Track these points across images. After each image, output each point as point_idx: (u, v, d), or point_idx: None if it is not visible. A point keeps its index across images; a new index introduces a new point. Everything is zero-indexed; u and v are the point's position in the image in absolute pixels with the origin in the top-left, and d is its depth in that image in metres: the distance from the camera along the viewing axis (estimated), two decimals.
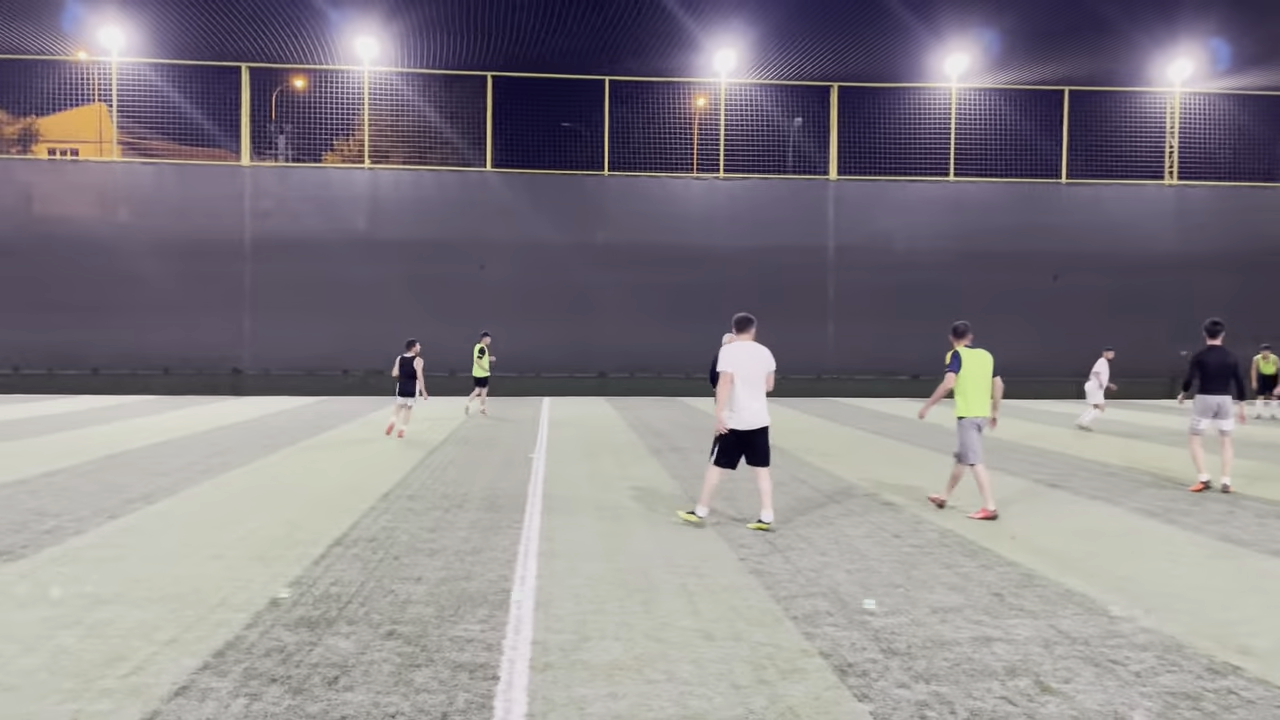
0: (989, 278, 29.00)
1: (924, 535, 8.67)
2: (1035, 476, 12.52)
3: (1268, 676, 5.05)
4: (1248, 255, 29.51)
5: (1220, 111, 30.46)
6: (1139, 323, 29.24)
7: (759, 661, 5.24)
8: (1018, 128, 30.02)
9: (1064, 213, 29.67)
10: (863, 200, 29.56)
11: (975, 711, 4.56)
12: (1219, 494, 11.09)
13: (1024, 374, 28.99)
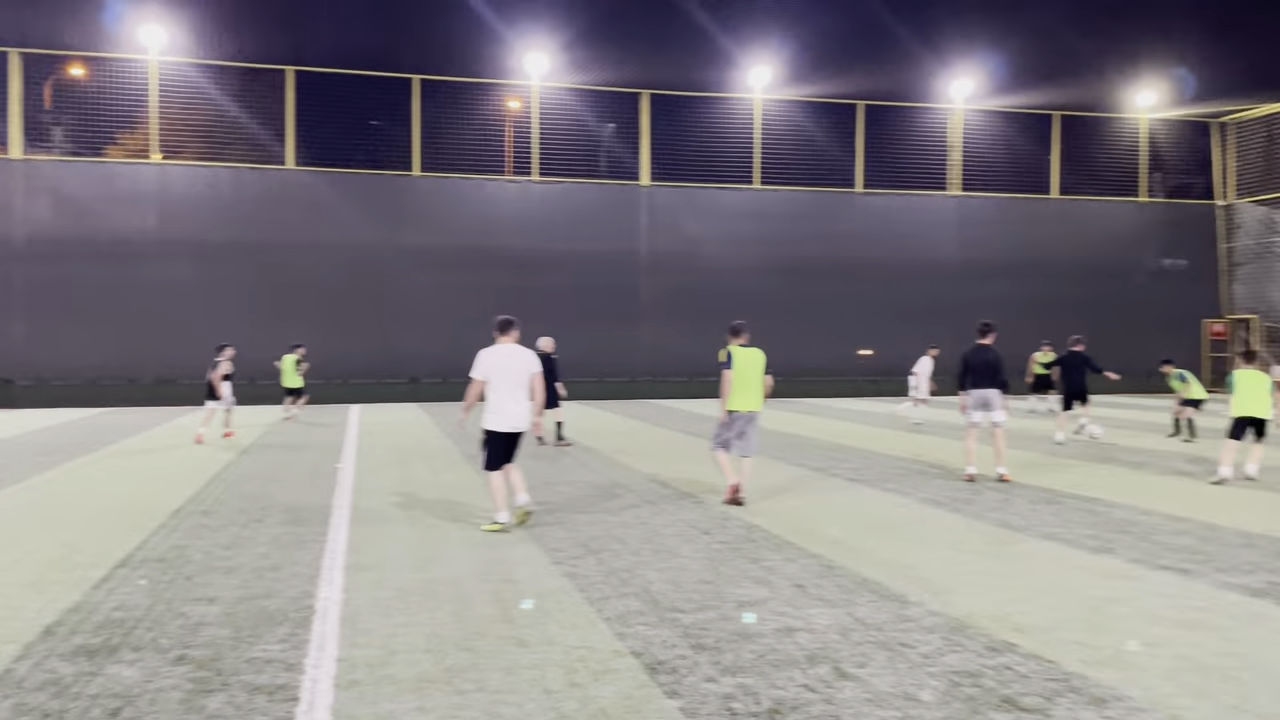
0: (791, 282, 30.21)
1: (731, 531, 8.92)
2: (835, 471, 13.12)
3: (1040, 652, 5.47)
4: (1022, 262, 31.99)
5: (997, 127, 32.90)
6: (925, 324, 31.16)
7: (571, 665, 5.24)
8: (817, 139, 31.44)
9: (859, 221, 31.29)
10: (673, 206, 30.20)
11: (778, 700, 4.73)
12: (996, 483, 11.96)
13: (823, 374, 30.47)
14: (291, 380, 21.34)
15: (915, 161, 32.21)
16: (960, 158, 32.36)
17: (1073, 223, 32.97)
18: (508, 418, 8.91)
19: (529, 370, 9.03)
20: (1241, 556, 7.85)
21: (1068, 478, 12.43)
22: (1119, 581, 7.07)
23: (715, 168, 30.64)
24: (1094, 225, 33.18)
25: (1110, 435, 17.74)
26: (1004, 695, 4.78)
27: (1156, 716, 4.51)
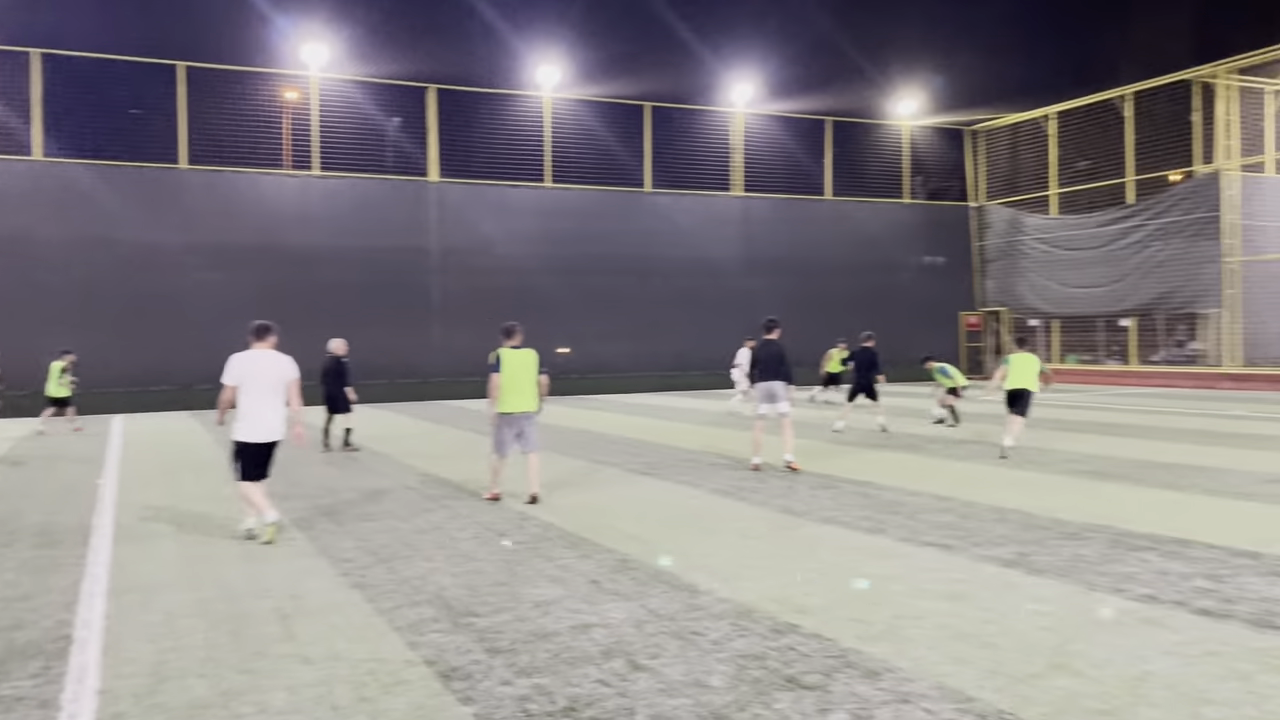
0: (584, 280, 30.47)
1: (528, 531, 8.89)
2: (629, 466, 13.33)
3: (820, 631, 5.75)
4: (800, 259, 33.60)
5: (775, 131, 34.38)
6: (713, 320, 32.23)
7: (360, 679, 5.06)
8: (606, 139, 31.82)
9: (648, 220, 31.92)
10: (464, 203, 29.77)
11: (573, 698, 4.74)
12: (781, 471, 12.49)
13: (617, 370, 30.92)
14: (56, 390, 19.48)
15: (700, 162, 33.17)
16: (742, 160, 33.59)
17: (845, 222, 34.94)
18: (259, 427, 8.50)
19: (284, 377, 8.64)
20: (995, 531, 8.54)
21: (844, 464, 13.15)
22: (890, 559, 7.53)
23: (506, 165, 30.43)
24: (863, 225, 35.28)
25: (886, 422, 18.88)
26: (787, 675, 4.99)
27: (924, 684, 4.84)
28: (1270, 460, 12.67)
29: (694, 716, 4.48)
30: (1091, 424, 18.14)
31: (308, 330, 26.46)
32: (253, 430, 8.48)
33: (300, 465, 13.89)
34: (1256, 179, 29.36)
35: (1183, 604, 6.15)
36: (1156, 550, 7.65)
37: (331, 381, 15.66)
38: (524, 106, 30.77)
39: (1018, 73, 37.89)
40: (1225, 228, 28.66)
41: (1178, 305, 30.44)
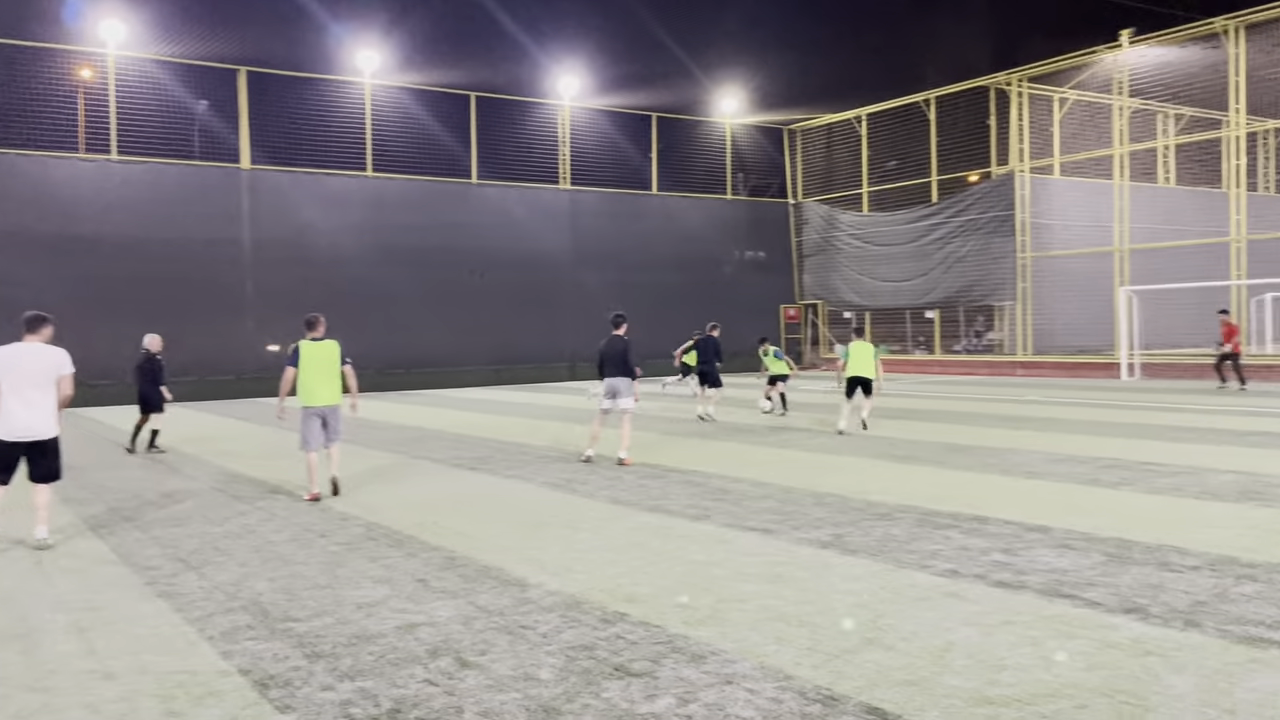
0: (408, 273, 29.78)
1: (350, 531, 8.63)
2: (458, 461, 13.14)
3: (648, 619, 5.84)
4: (628, 253, 33.97)
5: (602, 125, 34.59)
6: (543, 314, 32.18)
7: (168, 692, 4.79)
8: (432, 128, 31.18)
9: (475, 212, 31.50)
10: (280, 192, 28.51)
11: (399, 700, 4.64)
12: (613, 464, 12.60)
13: (448, 364, 30.42)
14: None
15: (528, 155, 33.00)
16: (569, 153, 33.63)
17: (671, 217, 35.56)
18: (17, 425, 7.91)
19: (51, 372, 8.04)
20: (813, 514, 8.90)
21: (674, 454, 13.39)
22: (714, 545, 7.73)
23: (326, 153, 29.32)
24: (689, 220, 36.00)
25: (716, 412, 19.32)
26: (616, 664, 5.05)
27: (746, 665, 4.99)
28: (1057, 441, 13.73)
29: (523, 711, 4.46)
30: (901, 410, 19.15)
31: (110, 325, 24.85)
32: (6, 427, 7.86)
33: (102, 468, 13.02)
34: (1044, 180, 31.72)
35: (982, 577, 6.58)
36: (958, 528, 8.16)
37: (144, 379, 14.74)
38: (343, 92, 29.74)
39: (832, 74, 39.52)
40: (1018, 225, 30.84)
41: (976, 298, 32.54)
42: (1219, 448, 12.66)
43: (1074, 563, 6.88)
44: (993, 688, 4.60)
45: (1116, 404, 19.52)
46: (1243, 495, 9.30)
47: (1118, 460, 11.74)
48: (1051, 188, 31.74)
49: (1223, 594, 6.02)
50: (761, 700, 4.51)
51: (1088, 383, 26.34)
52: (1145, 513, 8.61)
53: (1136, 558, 6.99)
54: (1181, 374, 26.54)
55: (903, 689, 4.62)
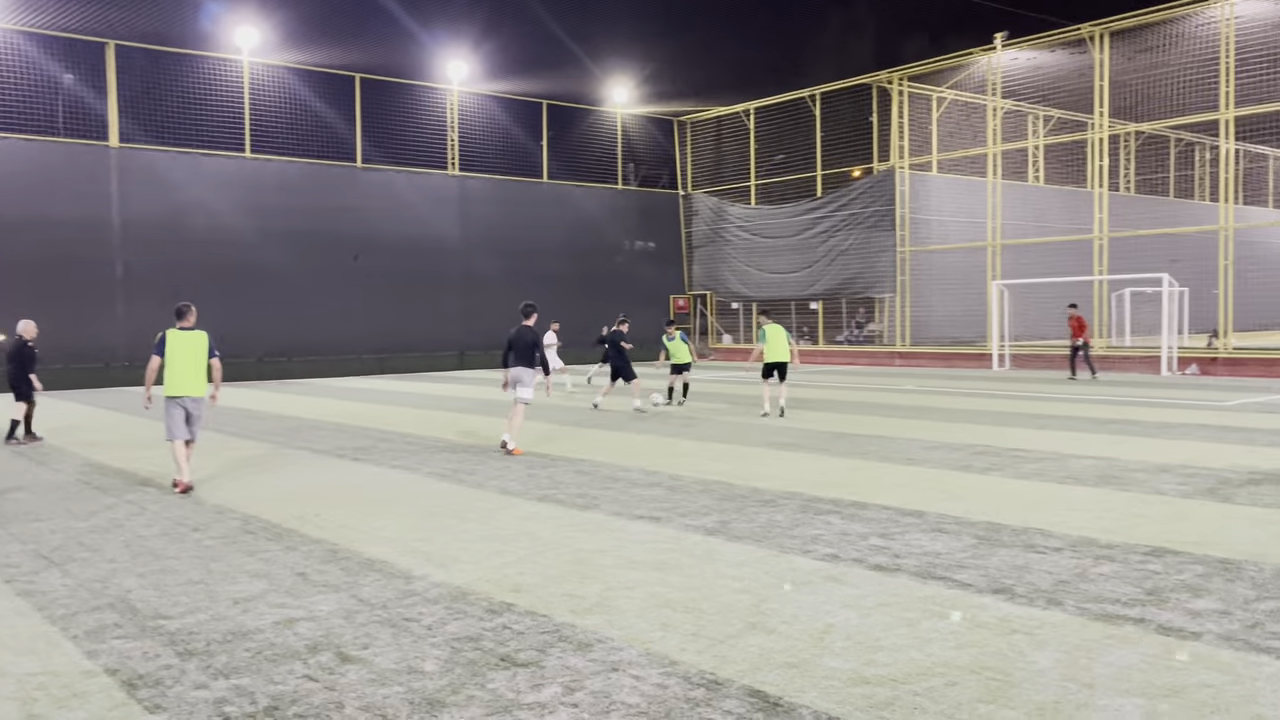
0: (290, 257, 28.92)
1: (227, 524, 8.35)
2: (340, 452, 12.85)
3: (535, 608, 5.83)
4: (519, 240, 33.71)
5: (492, 111, 34.20)
6: (431, 302, 31.70)
7: (29, 695, 4.56)
8: (315, 109, 30.29)
9: (360, 196, 30.76)
10: (153, 171, 27.26)
11: (276, 696, 4.52)
12: (500, 452, 12.51)
13: (332, 352, 29.68)
14: None
15: (416, 139, 32.39)
16: (459, 138, 33.15)
17: (562, 205, 35.44)
18: None
19: None
20: (700, 501, 9.03)
21: (565, 444, 13.37)
22: (602, 534, 7.76)
23: (202, 131, 28.18)
24: (581, 208, 35.95)
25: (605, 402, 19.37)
26: (502, 654, 5.03)
27: (632, 652, 5.03)
28: (933, 429, 14.24)
29: (406, 704, 4.40)
30: (786, 400, 19.53)
31: None
32: None
33: None
34: (923, 177, 32.78)
35: (860, 561, 6.79)
36: (839, 513, 8.39)
37: (15, 367, 14.04)
38: (221, 70, 28.59)
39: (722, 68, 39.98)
40: (898, 220, 31.80)
41: (858, 290, 33.43)
42: (1080, 435, 13.33)
43: (947, 546, 7.16)
44: (869, 668, 4.75)
45: (987, 393, 20.35)
46: (1101, 480, 9.82)
47: (988, 447, 12.25)
48: (929, 184, 32.83)
49: (1083, 574, 6.35)
50: (647, 686, 4.56)
51: (961, 372, 27.38)
52: (1013, 497, 9.01)
53: (1005, 540, 7.31)
54: (1048, 364, 27.82)
55: (784, 671, 4.73)
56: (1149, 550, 6.92)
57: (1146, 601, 5.72)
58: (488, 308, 32.90)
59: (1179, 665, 4.71)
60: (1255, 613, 5.47)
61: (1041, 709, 4.22)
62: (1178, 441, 12.49)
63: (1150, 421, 14.73)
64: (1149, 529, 7.60)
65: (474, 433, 14.71)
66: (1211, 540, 7.19)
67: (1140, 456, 11.28)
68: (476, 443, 13.51)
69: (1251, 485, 9.35)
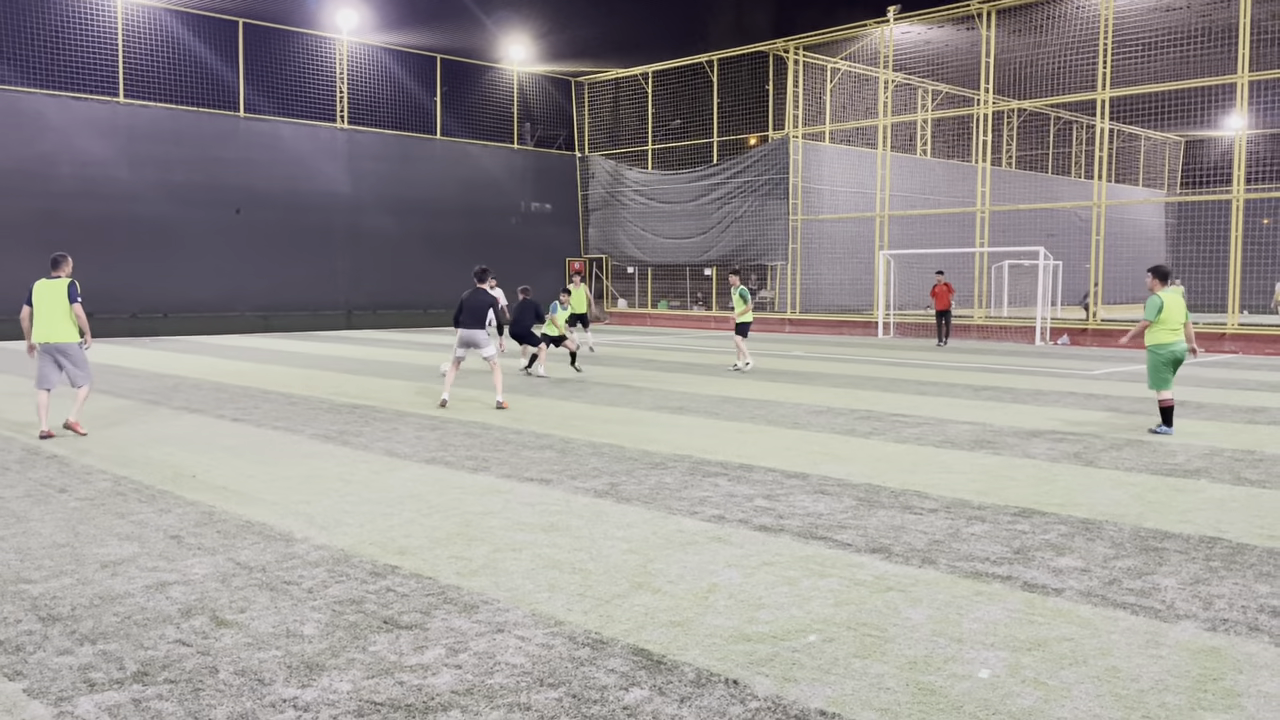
0: (169, 209, 27.68)
1: (96, 486, 8.00)
2: (219, 412, 12.43)
3: (420, 571, 5.76)
4: (410, 198, 32.98)
5: (384, 64, 33.22)
6: (318, 259, 30.82)
7: None
8: (195, 54, 28.89)
9: (243, 146, 29.58)
10: (15, 114, 25.63)
11: (146, 661, 4.37)
12: (387, 414, 12.28)
13: (212, 310, 28.60)
14: None
15: (302, 89, 31.25)
16: (348, 90, 32.13)
17: (457, 163, 34.76)
18: None
19: None
20: (590, 464, 9.05)
21: (458, 408, 13.19)
22: (491, 496, 7.72)
23: (72, 73, 26.58)
24: (476, 167, 35.33)
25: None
26: (385, 616, 4.96)
27: (518, 613, 5.03)
28: (818, 394, 14.57)
29: (284, 668, 4.31)
30: (677, 364, 19.73)
31: None
32: None
33: None
34: (816, 147, 33.27)
35: (745, 521, 6.91)
36: (726, 475, 8.53)
37: None
38: (92, 7, 26.96)
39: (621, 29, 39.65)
40: (791, 189, 32.24)
41: (752, 257, 33.84)
42: (958, 401, 13.82)
43: (829, 507, 7.35)
44: (751, 625, 4.85)
45: (873, 360, 20.92)
46: (976, 444, 10.21)
47: (871, 412, 12.60)
48: (822, 154, 33.34)
49: (956, 534, 6.61)
50: (532, 647, 4.56)
51: (849, 340, 28.06)
52: (893, 460, 9.30)
53: (884, 501, 7.55)
54: (930, 333, 28.72)
55: (668, 630, 4.79)
56: (1018, 511, 7.24)
57: (1014, 560, 5.99)
58: (377, 266, 32.18)
59: (1041, 620, 4.95)
60: (1113, 570, 5.79)
61: (913, 663, 4.39)
62: (1048, 408, 13.07)
63: (1024, 389, 15.37)
64: (1018, 491, 7.95)
65: (360, 394, 14.41)
66: (1075, 501, 7.57)
67: (1013, 422, 11.77)
68: (362, 404, 13.24)
69: (1114, 450, 9.86)
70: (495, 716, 3.85)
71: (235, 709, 3.90)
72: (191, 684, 4.14)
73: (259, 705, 3.94)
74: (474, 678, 4.22)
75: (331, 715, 3.85)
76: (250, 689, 4.09)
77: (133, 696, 4.01)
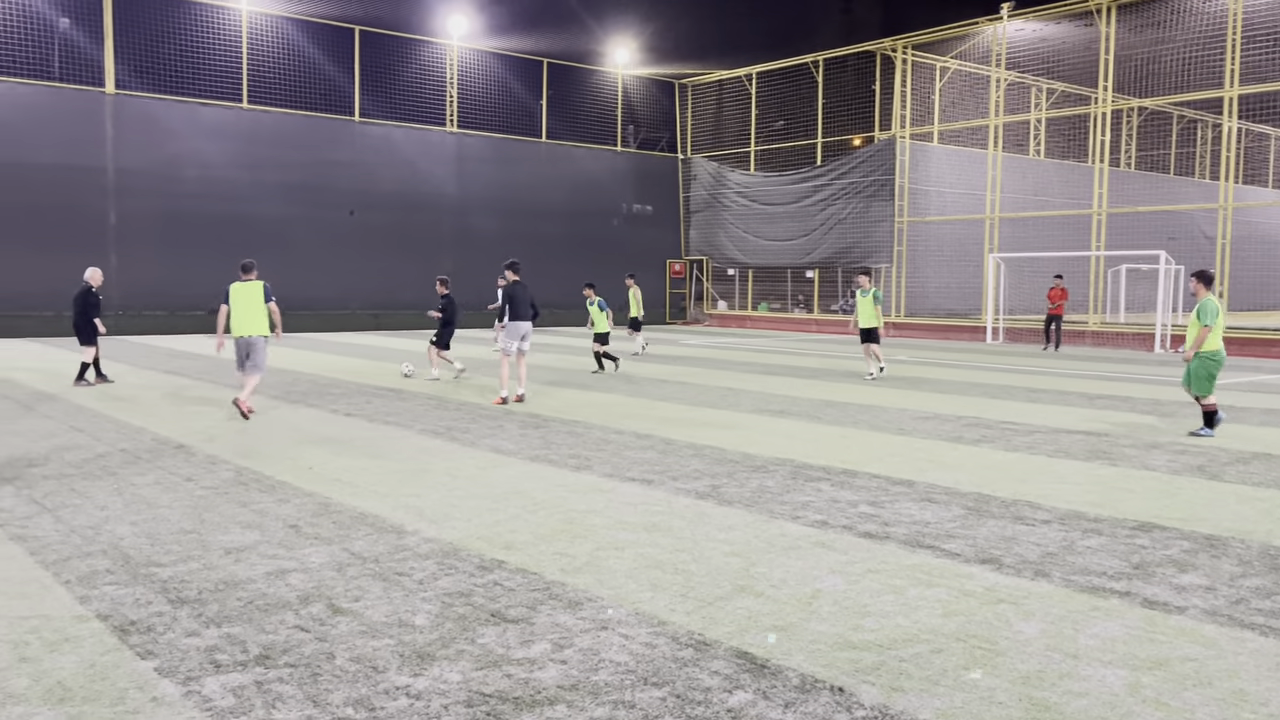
0: (286, 210, 28.75)
1: (220, 475, 8.37)
2: (334, 408, 12.85)
3: (526, 566, 5.86)
4: (515, 200, 33.52)
5: (492, 68, 33.85)
6: (427, 258, 31.57)
7: (20, 638, 4.58)
8: (313, 60, 29.94)
9: (357, 150, 30.52)
10: (148, 120, 27.00)
11: (267, 645, 4.55)
12: (493, 411, 12.52)
13: (325, 307, 29.58)
14: None
15: (414, 94, 32.07)
16: (457, 94, 32.85)
17: (560, 166, 35.19)
18: None
19: None
20: (691, 466, 9.06)
21: (555, 405, 13.38)
22: (595, 495, 7.79)
23: (198, 80, 27.86)
24: (579, 169, 35.70)
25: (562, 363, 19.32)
26: (493, 610, 5.06)
27: (622, 611, 5.07)
28: (924, 399, 14.28)
29: (396, 656, 4.44)
30: (778, 367, 19.58)
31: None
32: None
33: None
34: (924, 147, 32.60)
35: (849, 528, 6.83)
36: (829, 480, 8.43)
37: (79, 313, 14.71)
38: (219, 18, 28.21)
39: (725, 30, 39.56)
40: (897, 190, 31.67)
41: (854, 259, 33.34)
42: (1072, 409, 13.37)
43: (936, 515, 7.20)
44: (856, 633, 4.79)
45: (981, 365, 20.40)
46: (1092, 454, 9.87)
47: (979, 418, 12.29)
48: (930, 155, 32.66)
49: (1070, 546, 6.40)
50: (635, 645, 4.59)
51: (955, 344, 27.42)
52: (1003, 469, 9.06)
53: (994, 511, 7.36)
54: (1041, 339, 27.84)
55: (772, 634, 4.77)
56: (1136, 525, 6.98)
57: (1133, 575, 5.78)
58: (481, 267, 32.76)
59: (1163, 639, 4.76)
60: (1240, 589, 5.53)
61: (1026, 678, 4.27)
62: (1167, 419, 12.55)
63: (1141, 398, 14.78)
64: (1137, 504, 7.66)
65: (466, 392, 14.71)
66: (1199, 516, 7.25)
67: (1132, 432, 11.33)
68: (469, 401, 13.52)
69: (1239, 464, 9.41)
70: (600, 713, 3.89)
71: (351, 694, 4.04)
72: (310, 669, 4.29)
73: (374, 692, 4.07)
74: (579, 673, 4.27)
75: (442, 704, 3.95)
76: (365, 676, 4.23)
77: (255, 679, 4.19)
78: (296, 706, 3.92)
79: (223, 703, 3.95)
